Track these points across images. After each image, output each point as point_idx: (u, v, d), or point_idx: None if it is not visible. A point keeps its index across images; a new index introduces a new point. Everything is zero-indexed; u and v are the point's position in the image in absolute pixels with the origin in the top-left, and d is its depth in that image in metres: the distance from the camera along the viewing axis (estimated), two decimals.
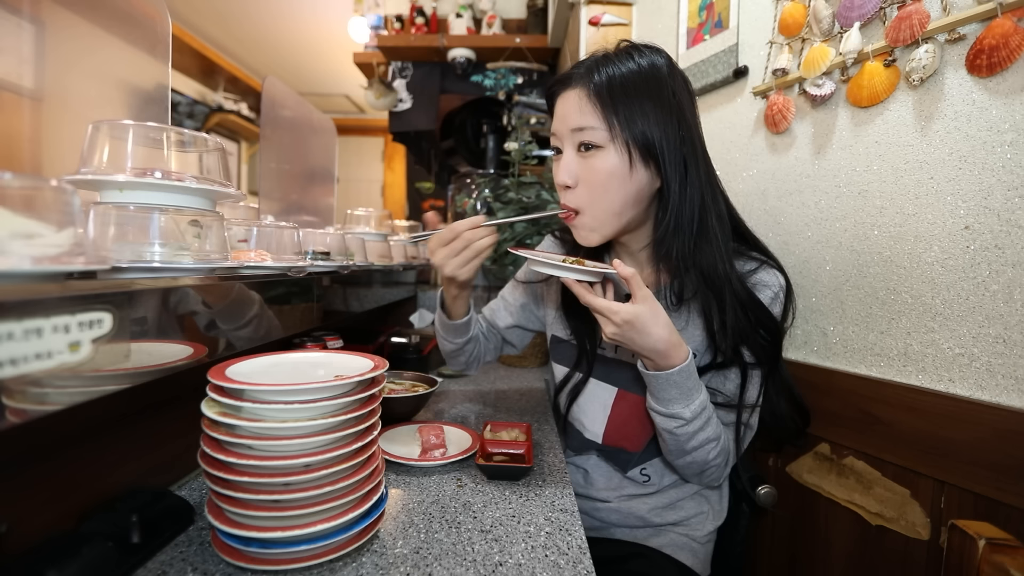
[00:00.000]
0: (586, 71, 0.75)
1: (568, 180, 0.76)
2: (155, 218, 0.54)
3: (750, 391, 0.80)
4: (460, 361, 1.03)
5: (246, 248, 0.77)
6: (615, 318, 0.67)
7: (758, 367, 0.79)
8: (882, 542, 0.83)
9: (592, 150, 0.74)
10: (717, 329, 0.76)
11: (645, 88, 0.72)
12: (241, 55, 4.44)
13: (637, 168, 0.73)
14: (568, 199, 0.77)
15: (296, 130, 1.22)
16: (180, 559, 0.54)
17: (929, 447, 0.76)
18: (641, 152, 0.72)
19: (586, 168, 0.75)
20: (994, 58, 0.69)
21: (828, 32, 0.93)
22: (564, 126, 0.76)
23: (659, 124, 0.72)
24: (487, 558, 0.56)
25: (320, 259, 0.94)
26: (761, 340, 0.78)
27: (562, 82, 0.78)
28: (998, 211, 0.70)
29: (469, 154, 2.52)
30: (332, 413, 0.53)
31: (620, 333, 0.69)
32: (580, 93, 0.74)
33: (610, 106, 0.71)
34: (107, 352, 0.41)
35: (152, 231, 0.53)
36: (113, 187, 0.54)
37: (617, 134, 0.72)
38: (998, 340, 0.70)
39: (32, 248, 0.38)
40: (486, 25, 2.53)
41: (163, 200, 0.55)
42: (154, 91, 0.75)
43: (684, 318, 0.82)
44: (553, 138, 0.79)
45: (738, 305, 0.76)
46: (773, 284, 0.79)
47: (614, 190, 0.74)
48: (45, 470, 0.52)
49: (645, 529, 0.87)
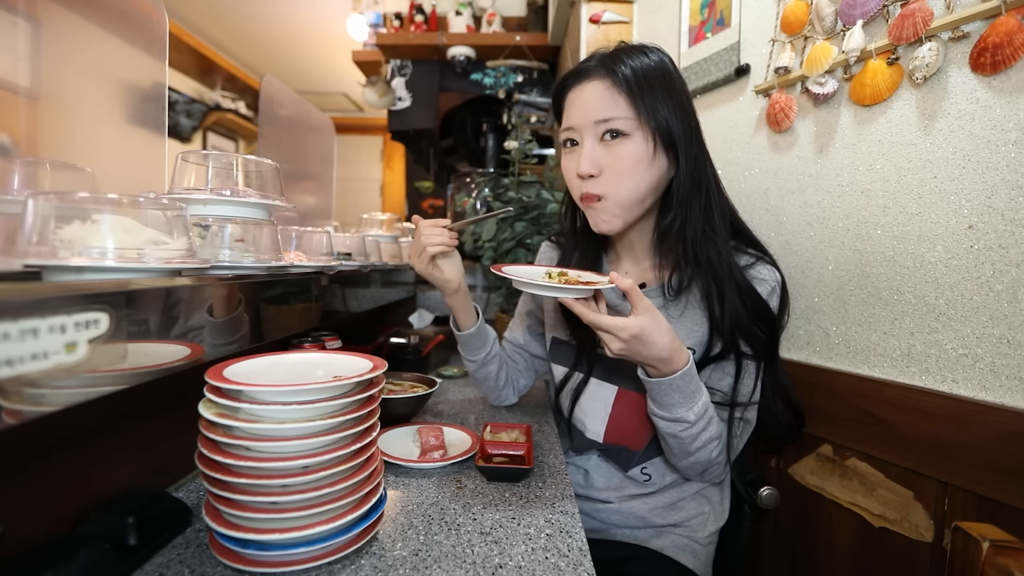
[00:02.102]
0: (601, 65, 0.78)
1: (592, 169, 0.78)
2: (227, 228, 0.68)
3: (746, 382, 0.81)
4: (491, 386, 1.05)
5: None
6: (622, 334, 0.67)
7: (755, 359, 0.80)
8: (885, 544, 0.82)
9: (618, 138, 0.77)
10: (718, 317, 0.78)
11: (661, 80, 0.76)
12: (239, 53, 4.43)
13: (659, 156, 0.77)
14: (592, 187, 0.79)
15: (294, 129, 1.21)
16: (178, 561, 0.54)
17: (932, 448, 0.76)
18: (663, 140, 0.76)
19: (612, 156, 0.77)
20: (998, 56, 0.69)
21: (831, 30, 0.92)
22: (585, 118, 0.78)
23: (674, 115, 0.76)
24: (487, 560, 0.56)
25: (344, 259, 1.04)
26: (759, 332, 0.79)
27: (577, 75, 0.80)
28: (1002, 210, 0.70)
29: (469, 153, 2.52)
30: (331, 414, 0.53)
31: (627, 348, 0.68)
32: (602, 84, 0.77)
33: (637, 95, 0.75)
34: (104, 352, 0.41)
35: (225, 237, 0.68)
36: (197, 203, 0.67)
37: (644, 122, 0.75)
38: (1002, 340, 0.70)
39: (161, 252, 0.51)
40: (486, 23, 2.52)
41: (233, 213, 0.69)
42: (151, 89, 0.74)
43: (681, 307, 0.83)
44: (568, 131, 0.81)
45: (738, 295, 0.78)
46: (770, 279, 0.81)
47: (640, 176, 0.77)
48: (41, 471, 0.52)
49: (646, 530, 0.87)
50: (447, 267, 0.90)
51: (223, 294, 0.62)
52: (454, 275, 0.91)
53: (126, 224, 0.49)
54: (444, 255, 0.89)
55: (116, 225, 0.48)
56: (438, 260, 0.89)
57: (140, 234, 0.50)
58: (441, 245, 0.86)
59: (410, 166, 3.65)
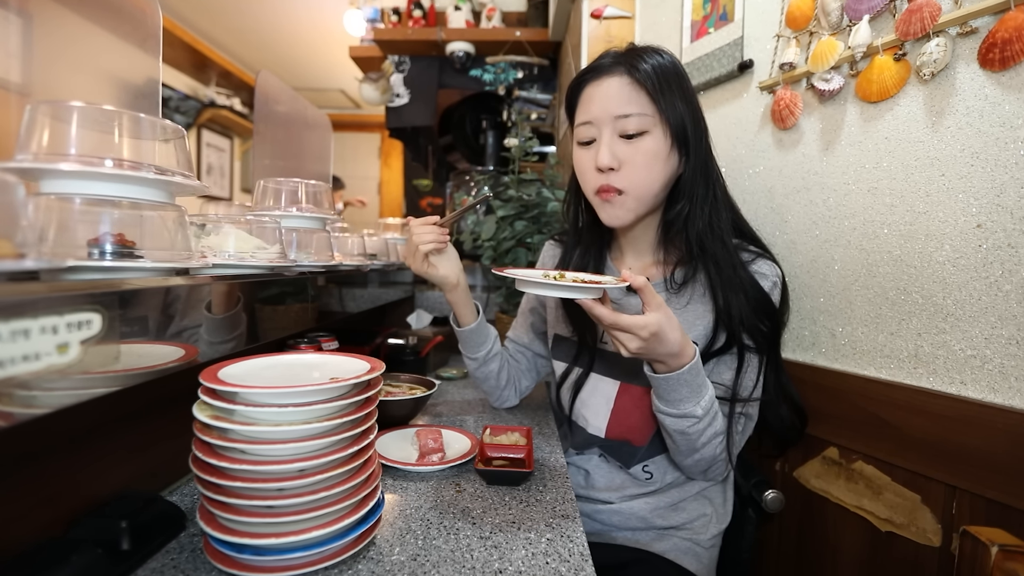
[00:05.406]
0: (620, 62, 0.80)
1: (612, 163, 0.79)
2: (294, 235, 0.88)
3: (749, 375, 0.81)
4: (492, 385, 1.05)
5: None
6: (643, 333, 0.66)
7: (757, 352, 0.81)
8: (892, 549, 0.82)
9: (638, 133, 0.79)
10: (723, 309, 0.79)
11: (676, 79, 0.79)
12: (234, 49, 4.40)
13: (673, 152, 0.80)
14: (613, 180, 0.80)
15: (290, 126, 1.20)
16: (171, 566, 0.53)
17: (940, 451, 0.75)
18: (678, 137, 0.79)
19: (631, 151, 0.79)
20: (1007, 52, 0.68)
21: (837, 25, 0.91)
22: (605, 112, 0.79)
23: (687, 113, 0.79)
24: (486, 565, 0.55)
25: (372, 260, 1.22)
26: (761, 326, 0.80)
27: (596, 71, 0.82)
28: (1011, 209, 0.69)
29: (468, 150, 2.50)
30: (327, 416, 0.52)
31: (645, 347, 0.67)
32: (622, 80, 0.79)
33: (657, 91, 0.77)
34: (96, 354, 0.40)
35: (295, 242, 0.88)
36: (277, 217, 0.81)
37: (663, 119, 0.78)
38: (1011, 341, 0.69)
39: (264, 254, 0.71)
40: (485, 18, 2.50)
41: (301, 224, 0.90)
42: (144, 86, 0.73)
43: (684, 301, 0.85)
44: (586, 126, 0.82)
45: (742, 288, 0.80)
46: (771, 274, 0.83)
47: (657, 171, 0.79)
48: (33, 475, 0.51)
49: (648, 532, 0.86)
50: (442, 264, 0.91)
51: (222, 291, 0.61)
52: (451, 271, 0.92)
53: (240, 235, 0.70)
54: (438, 252, 0.90)
55: (238, 236, 0.69)
56: (432, 257, 0.90)
57: (250, 242, 0.70)
58: (433, 242, 0.88)
59: (408, 164, 3.63)
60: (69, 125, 0.49)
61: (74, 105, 0.49)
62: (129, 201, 0.51)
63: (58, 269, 0.43)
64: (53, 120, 0.49)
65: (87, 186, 0.49)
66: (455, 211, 0.96)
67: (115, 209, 0.49)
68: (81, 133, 0.49)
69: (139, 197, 0.51)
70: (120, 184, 0.50)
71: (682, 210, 0.81)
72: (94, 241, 0.47)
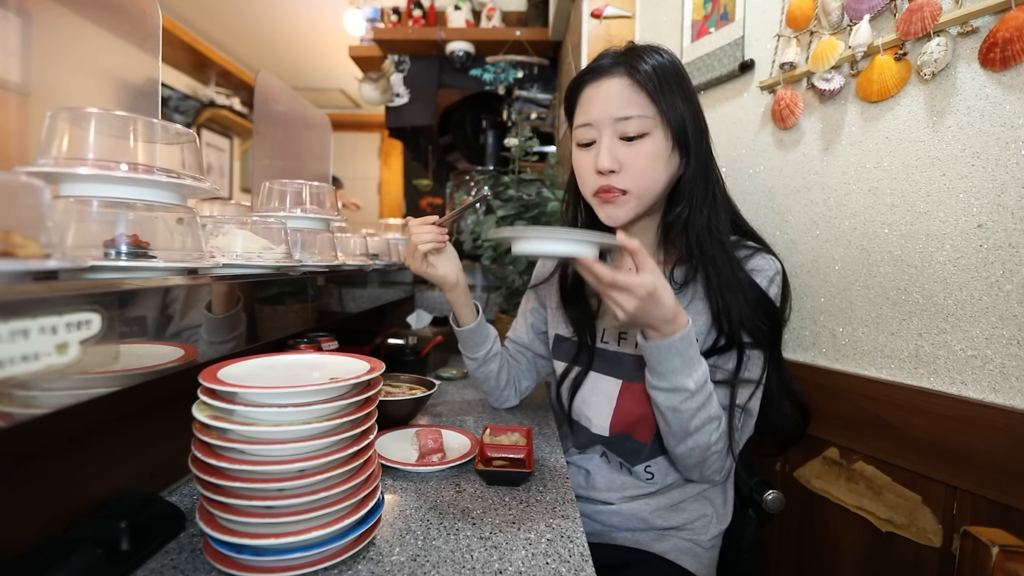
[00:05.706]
0: (619, 63, 0.79)
1: (613, 165, 0.78)
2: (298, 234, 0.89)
3: (751, 369, 0.81)
4: (492, 385, 1.05)
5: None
6: (640, 292, 0.65)
7: (757, 347, 0.81)
8: (892, 549, 0.81)
9: (639, 135, 0.78)
10: (721, 311, 0.78)
11: (677, 80, 0.78)
12: (233, 49, 4.39)
13: (674, 153, 0.79)
14: (616, 182, 0.80)
15: (290, 125, 1.20)
16: (171, 566, 0.53)
17: (941, 451, 0.75)
18: (679, 138, 0.78)
19: (632, 152, 0.78)
20: (1008, 51, 0.68)
21: (837, 25, 0.91)
22: (605, 113, 0.78)
23: (688, 114, 0.78)
24: (486, 566, 0.55)
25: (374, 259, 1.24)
26: (761, 324, 0.80)
27: (595, 72, 0.81)
28: (1012, 209, 0.69)
29: (468, 150, 2.50)
30: (327, 416, 0.52)
31: (641, 308, 0.66)
32: (622, 82, 0.78)
33: (657, 92, 0.76)
34: (96, 354, 0.40)
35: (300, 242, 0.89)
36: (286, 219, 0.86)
37: (663, 120, 0.77)
38: (1012, 341, 0.68)
39: (270, 254, 0.73)
40: (485, 18, 2.50)
41: (305, 224, 0.92)
42: (144, 85, 0.73)
43: (684, 301, 0.84)
44: (586, 127, 0.81)
45: (740, 289, 0.79)
46: (768, 269, 0.82)
47: (659, 173, 0.79)
48: (32, 475, 0.51)
49: (648, 532, 0.86)
50: (441, 263, 0.91)
51: (223, 290, 0.62)
52: (450, 271, 0.92)
53: (247, 235, 0.71)
54: (437, 251, 0.90)
55: (245, 237, 0.71)
56: (431, 257, 0.90)
57: (256, 242, 0.72)
58: (432, 242, 0.88)
59: (408, 164, 3.63)
60: (87, 131, 0.50)
61: (91, 111, 0.51)
62: (143, 203, 0.52)
63: (80, 269, 0.44)
64: (72, 126, 0.51)
65: (103, 189, 0.50)
66: (454, 211, 0.96)
67: (130, 211, 0.51)
68: (98, 138, 0.51)
69: (152, 199, 0.53)
70: (134, 187, 0.52)
71: (682, 212, 0.81)
72: (110, 242, 0.49)
